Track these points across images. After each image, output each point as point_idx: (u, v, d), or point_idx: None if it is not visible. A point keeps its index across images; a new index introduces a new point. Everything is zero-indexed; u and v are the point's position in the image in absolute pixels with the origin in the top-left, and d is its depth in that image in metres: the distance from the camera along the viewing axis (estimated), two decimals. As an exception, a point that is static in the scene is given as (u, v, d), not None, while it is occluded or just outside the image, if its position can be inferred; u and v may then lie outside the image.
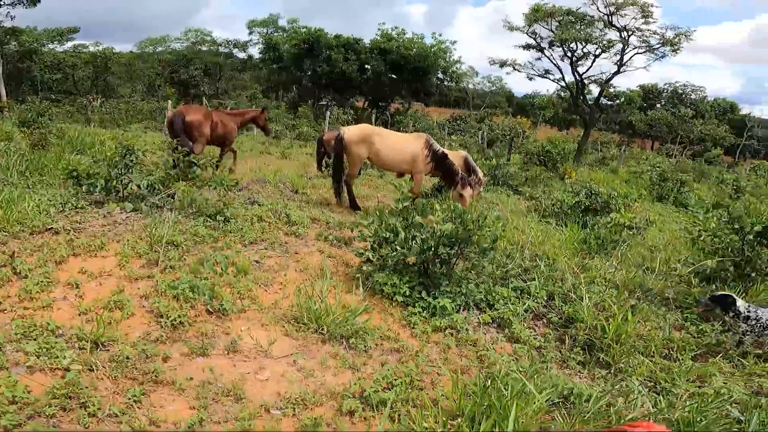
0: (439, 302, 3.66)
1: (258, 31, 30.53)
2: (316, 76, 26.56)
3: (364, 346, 3.22)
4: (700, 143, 33.82)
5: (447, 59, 28.18)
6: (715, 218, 4.19)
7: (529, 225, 5.90)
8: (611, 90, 21.90)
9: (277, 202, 6.43)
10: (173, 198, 5.20)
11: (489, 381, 2.53)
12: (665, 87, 41.06)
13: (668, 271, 4.58)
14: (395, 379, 2.81)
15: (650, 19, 15.55)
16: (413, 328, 3.55)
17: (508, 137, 21.99)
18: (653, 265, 4.68)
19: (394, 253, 3.69)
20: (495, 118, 33.99)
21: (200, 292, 3.29)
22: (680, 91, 40.25)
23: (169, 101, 17.01)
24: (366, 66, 27.48)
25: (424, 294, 3.77)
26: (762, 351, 3.45)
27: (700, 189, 17.13)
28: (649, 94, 40.48)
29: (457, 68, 29.47)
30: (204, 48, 32.34)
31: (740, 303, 3.65)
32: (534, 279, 4.05)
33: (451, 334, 3.52)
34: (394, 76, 28.10)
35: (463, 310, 3.78)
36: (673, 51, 15.85)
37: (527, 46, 19.27)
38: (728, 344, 3.48)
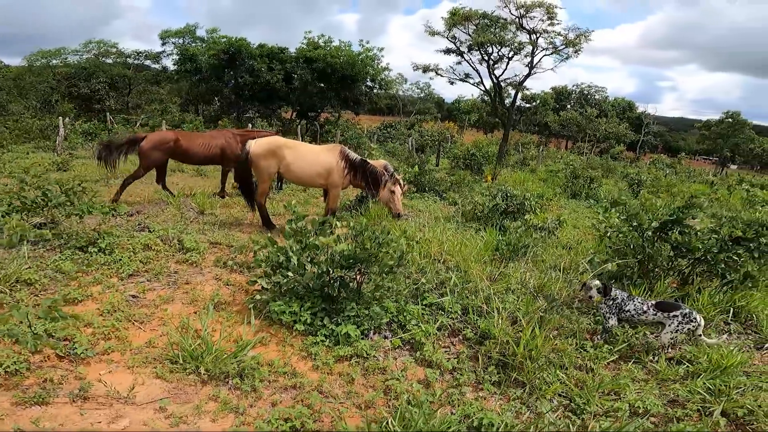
0: (342, 329, 3.28)
1: (173, 41, 28.51)
2: (239, 87, 25.30)
3: (252, 385, 2.82)
4: (605, 140, 37.30)
5: (375, 66, 28.29)
6: (615, 215, 4.28)
7: (445, 233, 5.72)
8: (526, 92, 23.28)
9: (172, 227, 5.74)
10: (40, 228, 4.39)
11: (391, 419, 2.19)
12: (573, 88, 45.07)
13: (576, 271, 4.60)
14: (286, 421, 2.48)
15: (555, 21, 16.78)
16: (314, 359, 3.17)
17: (436, 143, 22.46)
18: (564, 265, 4.68)
19: (285, 279, 3.24)
20: (425, 124, 34.79)
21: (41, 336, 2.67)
22: (586, 92, 44.38)
23: (61, 118, 15.06)
24: (293, 75, 26.69)
25: (326, 321, 3.37)
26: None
27: (607, 184, 18.60)
28: (560, 96, 44.06)
29: (385, 75, 29.72)
30: (109, 60, 29.53)
31: (614, 291, 3.64)
32: (448, 293, 3.80)
33: (357, 363, 3.17)
34: (321, 85, 27.61)
35: (372, 335, 3.43)
36: (575, 52, 17.15)
37: (448, 51, 19.84)
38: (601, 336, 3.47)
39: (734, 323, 3.81)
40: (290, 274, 3.24)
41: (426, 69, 20.47)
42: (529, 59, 17.84)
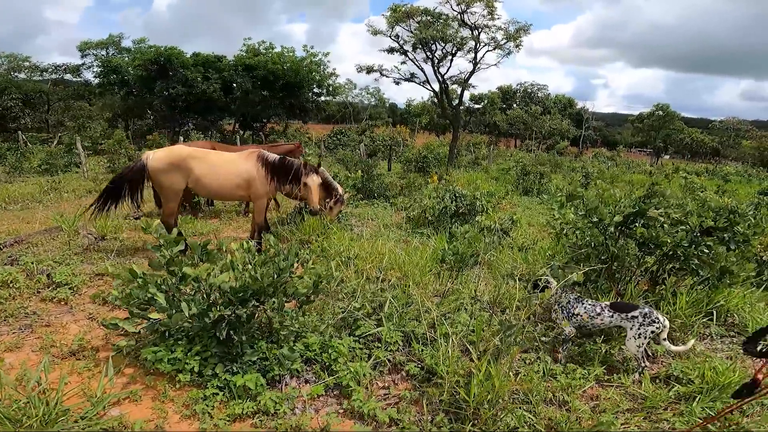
0: (238, 379, 2.45)
1: (94, 53, 26.17)
2: (171, 99, 23.46)
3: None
4: (550, 137, 38.60)
5: (321, 72, 27.42)
6: (571, 211, 3.78)
7: (387, 243, 5.01)
8: (472, 91, 23.33)
9: (52, 258, 4.67)
10: None
11: None
12: (518, 88, 46.50)
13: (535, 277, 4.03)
14: None
15: (495, 15, 16.79)
16: (201, 419, 2.34)
17: (387, 147, 21.96)
18: (521, 272, 4.11)
19: (150, 322, 2.37)
20: (376, 130, 34.36)
21: None
22: (530, 91, 45.92)
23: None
24: (232, 85, 25.23)
25: (219, 369, 2.53)
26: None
27: (556, 179, 18.86)
28: (506, 95, 45.30)
29: (333, 81, 28.94)
30: (22, 75, 26.63)
31: (553, 285, 3.28)
32: (385, 319, 3.06)
33: (261, 423, 2.36)
34: (264, 93, 26.33)
35: (288, 380, 2.62)
36: (516, 47, 17.24)
37: (392, 50, 19.42)
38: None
39: (714, 325, 3.36)
40: (160, 315, 2.37)
41: (370, 70, 19.91)
42: (472, 55, 17.75)
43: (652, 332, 2.86)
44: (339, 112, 50.60)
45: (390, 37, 18.57)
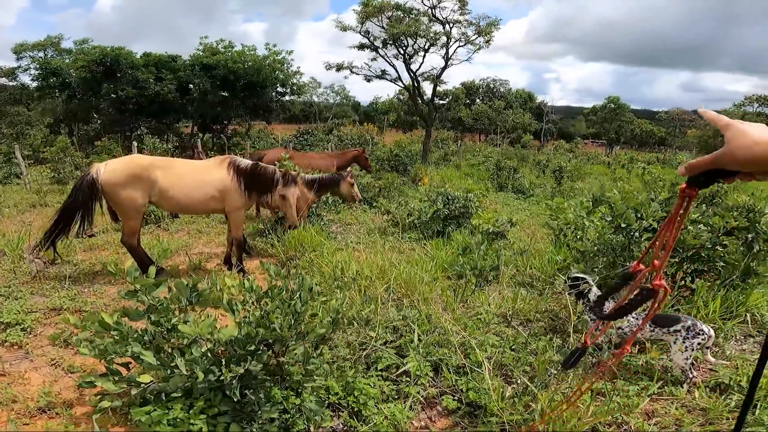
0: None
1: (30, 55, 23.97)
2: (120, 101, 21.89)
3: None
4: (513, 131, 39.57)
5: (285, 71, 26.50)
6: (571, 211, 3.64)
7: (385, 253, 4.70)
8: (442, 87, 23.31)
9: None
10: None
11: None
12: (481, 83, 47.37)
13: (551, 287, 3.85)
14: None
15: (465, 10, 16.82)
16: None
17: (357, 146, 21.60)
18: (525, 277, 3.93)
19: (140, 388, 1.95)
20: (343, 129, 33.86)
21: None
22: (492, 86, 46.93)
23: None
24: (188, 85, 23.91)
25: (235, 429, 2.14)
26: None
27: (524, 172, 19.22)
28: (470, 91, 46.04)
29: (297, 80, 28.12)
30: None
31: (594, 291, 3.06)
32: (409, 347, 2.76)
33: None
34: (224, 93, 25.15)
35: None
36: (486, 42, 17.35)
37: (362, 46, 19.05)
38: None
39: (738, 327, 3.31)
40: (150, 377, 1.94)
41: (340, 67, 19.44)
42: (444, 51, 17.70)
43: (698, 344, 2.74)
44: (303, 111, 49.54)
45: (360, 33, 18.18)
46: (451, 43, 17.60)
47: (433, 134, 30.94)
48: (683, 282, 3.14)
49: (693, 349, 2.74)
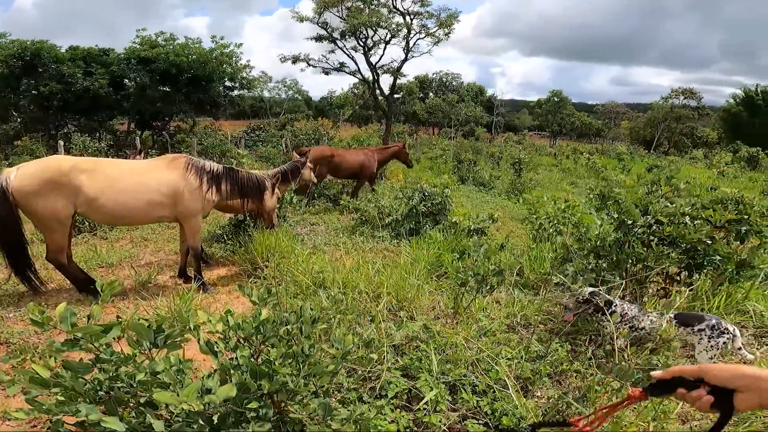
0: None
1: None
2: (42, 98, 19.65)
3: None
4: (466, 124, 40.47)
5: (234, 64, 25.08)
6: (603, 216, 3.53)
7: (365, 254, 4.39)
8: (402, 80, 23.12)
9: None
10: None
11: None
12: (434, 77, 48.05)
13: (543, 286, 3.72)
14: None
15: (426, 1, 16.68)
16: None
17: (313, 141, 20.94)
18: (525, 279, 3.79)
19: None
20: (297, 123, 32.87)
21: None
22: (445, 80, 47.78)
23: None
24: (123, 80, 22.01)
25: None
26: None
27: (481, 165, 19.57)
28: (423, 84, 46.57)
29: (247, 74, 26.76)
30: None
31: (616, 301, 2.95)
32: (419, 367, 2.47)
33: None
34: (165, 88, 23.41)
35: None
36: (446, 35, 17.35)
37: (320, 38, 18.35)
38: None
39: (744, 323, 3.34)
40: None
41: (296, 59, 18.64)
42: (404, 43, 17.48)
43: (724, 343, 2.68)
44: (253, 107, 47.53)
45: (318, 24, 17.50)
46: (411, 35, 17.43)
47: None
48: (679, 278, 3.12)
49: (718, 348, 2.69)
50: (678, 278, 3.10)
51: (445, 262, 4.92)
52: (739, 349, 2.78)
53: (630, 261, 3.15)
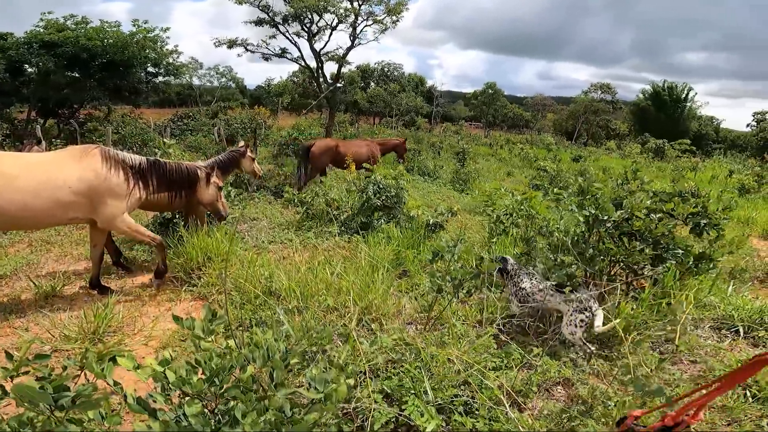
0: None
1: None
2: None
3: None
4: (407, 113, 40.67)
5: (159, 49, 22.80)
6: (580, 210, 3.42)
7: (318, 254, 3.99)
8: (346, 68, 22.32)
9: None
10: None
11: None
12: (376, 66, 47.56)
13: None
14: None
15: None
16: None
17: (249, 130, 19.68)
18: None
19: None
20: (231, 112, 30.87)
21: None
22: (386, 70, 47.48)
23: None
24: (23, 66, 19.31)
25: None
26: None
27: (424, 154, 19.65)
28: (365, 74, 45.97)
29: (173, 59, 24.43)
30: None
31: (511, 262, 3.31)
32: (404, 389, 2.17)
33: None
34: (74, 74, 20.81)
35: None
36: (393, 22, 16.88)
37: (260, 22, 16.98)
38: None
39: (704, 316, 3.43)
40: None
41: (232, 44, 17.15)
42: (351, 29, 16.70)
43: (581, 320, 2.72)
44: (180, 95, 43.96)
45: (258, 6, 16.20)
46: (359, 22, 16.78)
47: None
48: (642, 272, 3.14)
49: (576, 325, 2.73)
50: (642, 272, 3.12)
51: (406, 259, 4.69)
52: (597, 327, 2.81)
53: (601, 257, 3.12)
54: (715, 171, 22.96)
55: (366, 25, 17.04)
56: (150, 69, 23.00)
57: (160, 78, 25.08)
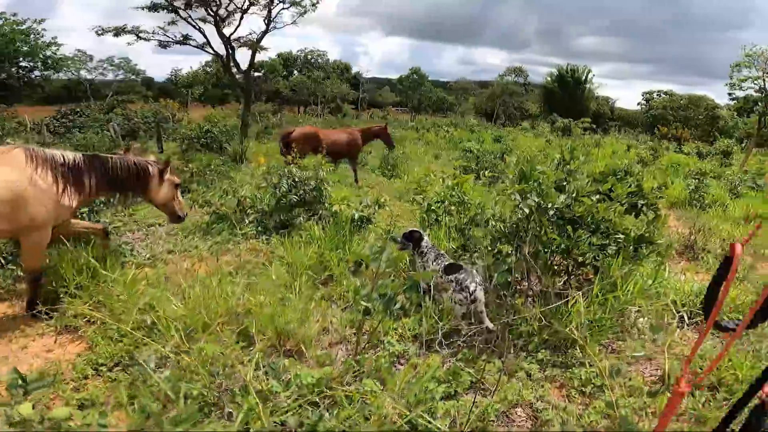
0: None
1: None
2: None
3: None
4: (333, 101, 39.52)
5: (35, 43, 19.58)
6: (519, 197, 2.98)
7: (220, 266, 3.24)
8: (263, 55, 20.64)
9: None
10: None
11: None
12: (299, 54, 45.56)
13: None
14: None
15: None
16: None
17: (153, 124, 17.54)
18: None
19: None
20: (131, 106, 27.52)
21: None
22: (310, 57, 45.66)
23: None
24: None
25: None
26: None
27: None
28: (287, 62, 43.85)
29: (54, 52, 21.03)
30: None
31: (425, 241, 3.39)
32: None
33: None
34: None
35: None
36: (313, 5, 15.65)
37: (155, 7, 14.73)
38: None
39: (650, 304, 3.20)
40: None
41: (120, 31, 14.79)
42: (266, 12, 15.11)
43: (459, 301, 2.73)
44: (68, 89, 38.63)
45: None
46: (274, 4, 15.28)
47: (251, 107, 27.97)
48: (583, 260, 2.84)
49: (453, 302, 2.76)
50: (585, 261, 2.83)
51: (331, 263, 4.08)
52: (481, 312, 2.84)
53: (545, 250, 2.77)
54: (614, 147, 25.14)
55: (283, 8, 15.67)
56: (23, 63, 19.95)
57: (37, 73, 21.89)
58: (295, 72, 43.47)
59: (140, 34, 15.50)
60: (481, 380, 2.38)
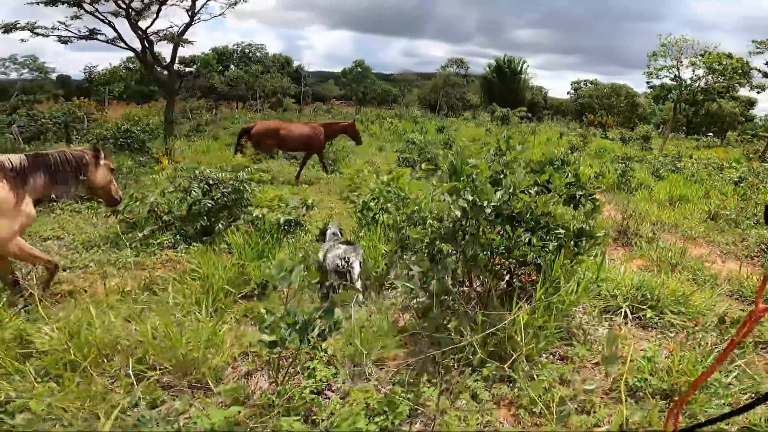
0: None
1: None
2: None
3: None
4: (273, 95, 37.80)
5: None
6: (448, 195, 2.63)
7: (124, 282, 2.66)
8: (190, 50, 18.98)
9: None
10: None
11: None
12: (235, 48, 43.07)
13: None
14: None
15: None
16: None
17: (62, 125, 15.69)
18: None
19: None
20: (39, 106, 24.54)
21: None
22: (248, 51, 43.31)
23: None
24: None
25: None
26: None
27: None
28: (222, 57, 41.35)
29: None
30: None
31: (331, 229, 3.68)
32: None
33: None
34: None
35: None
36: None
37: (52, 1, 12.89)
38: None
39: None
40: None
41: (11, 28, 12.84)
42: (190, 3, 13.69)
43: (336, 266, 3.10)
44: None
45: None
46: None
47: (180, 104, 25.92)
48: (524, 259, 2.59)
49: (333, 260, 3.20)
50: (527, 260, 2.58)
51: (253, 275, 3.58)
52: (357, 280, 3.17)
53: (484, 252, 2.48)
54: (548, 134, 26.32)
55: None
56: None
57: None
58: (232, 66, 41.13)
59: (35, 30, 13.61)
60: (422, 407, 2.05)
